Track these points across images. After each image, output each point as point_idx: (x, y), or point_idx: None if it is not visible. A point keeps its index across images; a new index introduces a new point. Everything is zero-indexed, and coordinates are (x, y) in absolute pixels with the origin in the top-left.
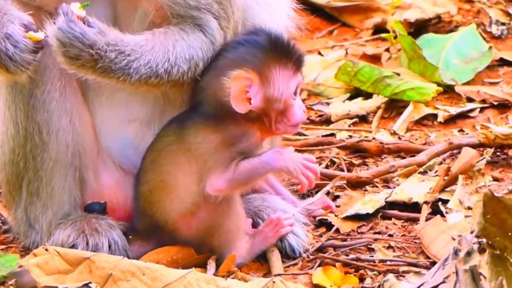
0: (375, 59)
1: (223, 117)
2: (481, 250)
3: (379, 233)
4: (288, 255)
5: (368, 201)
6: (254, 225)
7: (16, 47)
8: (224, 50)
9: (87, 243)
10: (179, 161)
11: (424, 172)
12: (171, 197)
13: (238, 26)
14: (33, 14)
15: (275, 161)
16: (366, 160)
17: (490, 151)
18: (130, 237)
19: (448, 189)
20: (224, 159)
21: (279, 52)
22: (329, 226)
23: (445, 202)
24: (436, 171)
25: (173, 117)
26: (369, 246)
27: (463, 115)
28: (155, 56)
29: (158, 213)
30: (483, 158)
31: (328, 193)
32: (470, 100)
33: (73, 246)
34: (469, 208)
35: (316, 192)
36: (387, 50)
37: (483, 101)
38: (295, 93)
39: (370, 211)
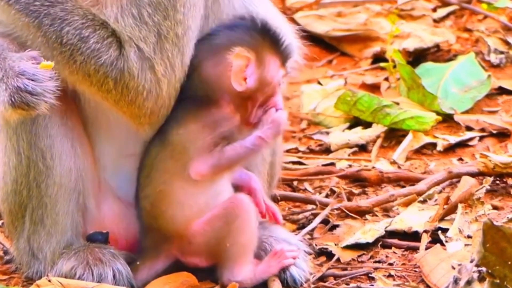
0: (374, 88)
1: (207, 100)
2: (481, 279)
3: (379, 262)
4: (289, 285)
5: (368, 230)
6: (257, 256)
7: (35, 80)
8: (215, 32)
9: (92, 273)
10: (168, 165)
11: (423, 201)
12: (173, 205)
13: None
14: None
15: (257, 146)
16: (366, 189)
17: (490, 179)
18: (138, 262)
19: (447, 217)
20: (207, 144)
21: (273, 39)
22: (329, 255)
23: (444, 230)
24: (436, 200)
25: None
26: (369, 275)
27: (463, 144)
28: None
29: (164, 225)
30: (482, 187)
31: (327, 222)
32: (469, 129)
33: (77, 276)
34: (469, 236)
35: (313, 218)
36: (386, 79)
37: (482, 129)
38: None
39: (370, 240)
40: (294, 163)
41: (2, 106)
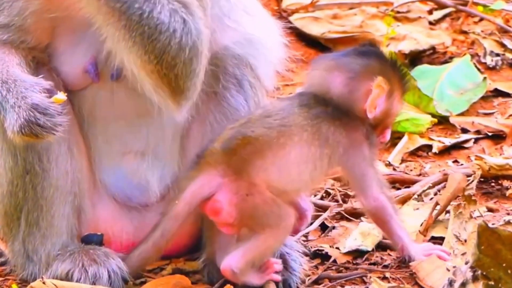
0: None
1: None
2: (476, 281)
3: (374, 264)
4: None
5: (367, 235)
6: None
7: (46, 115)
8: (348, 55)
9: (87, 274)
10: (309, 151)
11: (418, 200)
12: (278, 167)
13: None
14: (26, 56)
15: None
16: None
17: (479, 174)
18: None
19: (442, 218)
20: (373, 172)
21: (401, 74)
22: (324, 257)
23: (438, 238)
24: (431, 199)
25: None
26: (364, 277)
27: (458, 146)
28: None
29: (250, 169)
30: (472, 181)
31: (323, 224)
32: (464, 131)
33: (72, 278)
34: (466, 241)
35: (312, 223)
36: None
37: (478, 132)
38: None
39: (370, 248)
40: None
41: (11, 133)
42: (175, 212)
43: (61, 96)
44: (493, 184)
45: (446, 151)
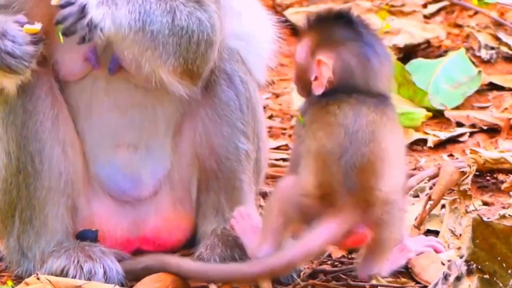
0: None
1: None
2: (471, 275)
3: None
4: (280, 281)
5: None
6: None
7: (15, 42)
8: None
9: (82, 270)
10: (393, 135)
11: (414, 194)
12: (394, 175)
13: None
14: None
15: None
16: None
17: (474, 169)
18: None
19: (437, 213)
20: None
21: None
22: None
23: (433, 232)
24: (427, 194)
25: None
26: None
27: (453, 140)
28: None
29: (377, 193)
30: (467, 176)
31: None
32: (459, 124)
33: (67, 274)
34: (461, 235)
35: None
36: None
37: (473, 125)
38: None
39: None
40: (284, 160)
41: None
42: (308, 248)
43: (35, 26)
44: (488, 177)
45: (441, 145)
